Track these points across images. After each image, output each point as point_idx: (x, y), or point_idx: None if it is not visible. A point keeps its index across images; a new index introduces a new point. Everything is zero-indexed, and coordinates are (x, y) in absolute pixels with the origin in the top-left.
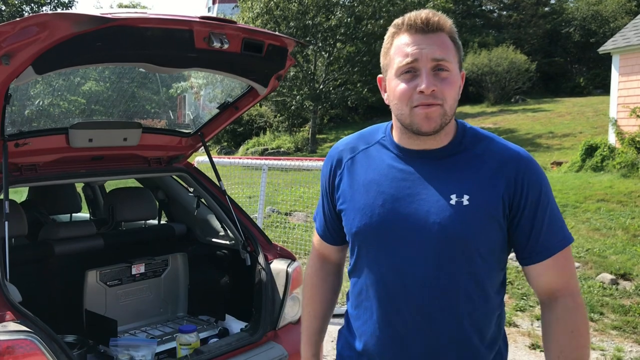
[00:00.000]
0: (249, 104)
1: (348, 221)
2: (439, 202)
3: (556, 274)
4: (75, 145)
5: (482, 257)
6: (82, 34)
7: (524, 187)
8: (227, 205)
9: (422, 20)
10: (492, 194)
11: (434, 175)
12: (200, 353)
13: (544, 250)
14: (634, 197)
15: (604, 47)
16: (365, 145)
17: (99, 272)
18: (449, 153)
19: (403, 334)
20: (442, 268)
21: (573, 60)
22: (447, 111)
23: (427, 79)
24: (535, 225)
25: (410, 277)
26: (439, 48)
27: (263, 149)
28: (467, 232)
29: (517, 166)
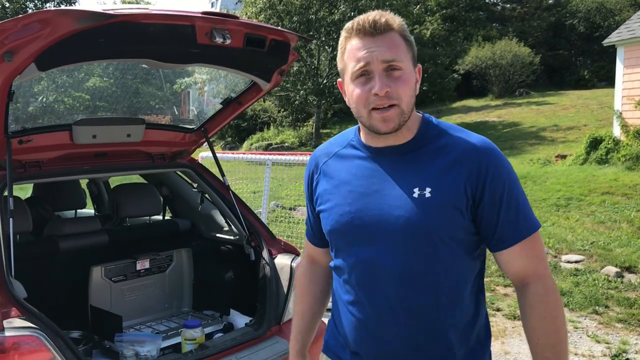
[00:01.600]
0: (252, 99)
1: (324, 221)
2: (403, 197)
3: (525, 260)
4: (79, 142)
5: (449, 247)
6: (84, 30)
7: (487, 176)
8: (231, 200)
9: (370, 23)
10: (454, 185)
11: (398, 170)
12: (205, 348)
13: (511, 237)
14: (639, 189)
15: (608, 39)
16: (337, 148)
17: (103, 268)
18: (412, 148)
19: (377, 325)
20: (411, 260)
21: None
22: (404, 110)
23: (380, 81)
24: (501, 213)
25: (381, 270)
26: (389, 49)
27: (267, 144)
28: (431, 224)
29: (478, 155)
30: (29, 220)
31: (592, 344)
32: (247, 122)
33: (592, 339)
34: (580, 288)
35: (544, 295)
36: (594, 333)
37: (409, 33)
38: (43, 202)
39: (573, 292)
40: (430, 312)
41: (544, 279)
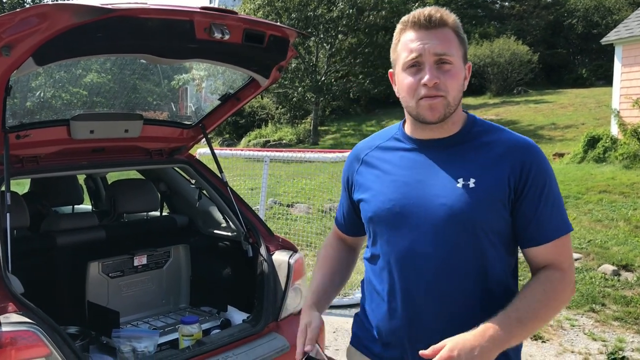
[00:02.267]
0: (251, 95)
1: (364, 209)
2: (446, 186)
3: (552, 258)
4: (77, 137)
5: (489, 239)
6: (82, 25)
7: (530, 172)
8: (229, 196)
9: (425, 17)
10: (498, 178)
11: (442, 162)
12: (202, 344)
13: (544, 234)
14: (636, 188)
15: (606, 38)
16: (380, 140)
17: (101, 264)
18: (457, 141)
19: (412, 315)
20: (451, 249)
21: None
22: (450, 102)
23: (430, 72)
24: (538, 209)
25: (421, 258)
26: (441, 43)
27: (265, 141)
28: (473, 213)
29: (523, 153)
30: (26, 216)
31: (589, 341)
32: (245, 119)
33: (588, 336)
34: (578, 286)
35: (560, 278)
36: (590, 331)
37: (463, 31)
38: (40, 197)
39: None
40: (465, 303)
41: (565, 270)
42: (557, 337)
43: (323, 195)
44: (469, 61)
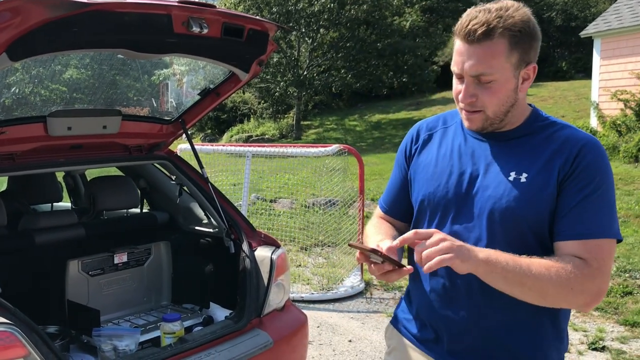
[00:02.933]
0: (231, 90)
1: (416, 189)
2: (498, 178)
3: (581, 255)
4: (54, 134)
5: (535, 235)
6: (57, 19)
7: (579, 165)
8: (210, 192)
9: (468, 31)
10: (549, 173)
11: (499, 155)
12: (184, 341)
13: (576, 230)
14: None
15: (585, 31)
16: (444, 125)
17: (80, 262)
18: (516, 135)
19: (451, 299)
20: (495, 240)
21: (555, 45)
22: (490, 116)
23: (466, 90)
24: (577, 204)
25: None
26: (480, 62)
27: (247, 136)
28: (520, 207)
29: (579, 146)
30: (4, 214)
31: (570, 332)
32: (227, 114)
33: (570, 327)
34: None
35: (576, 265)
36: (572, 321)
37: (527, 29)
38: (18, 195)
39: None
40: (501, 295)
41: (590, 265)
42: None
43: (306, 190)
44: (533, 62)
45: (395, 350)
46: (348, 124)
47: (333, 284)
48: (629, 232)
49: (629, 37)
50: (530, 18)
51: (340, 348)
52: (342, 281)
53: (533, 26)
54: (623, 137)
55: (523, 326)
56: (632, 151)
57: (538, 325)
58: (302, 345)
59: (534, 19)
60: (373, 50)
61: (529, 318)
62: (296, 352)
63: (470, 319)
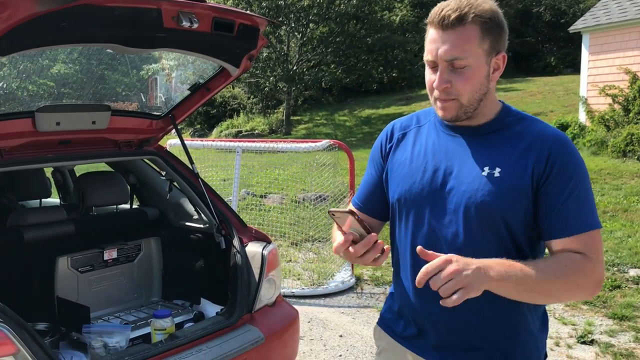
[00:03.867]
0: (221, 85)
1: (392, 188)
2: (472, 173)
3: (578, 249)
4: (42, 129)
5: (510, 229)
6: (45, 14)
7: (555, 164)
8: (200, 188)
9: (440, 17)
10: (523, 168)
11: (472, 150)
12: (175, 338)
13: (569, 228)
14: (604, 174)
15: (574, 26)
16: (417, 124)
17: (70, 259)
18: (488, 130)
19: (434, 297)
20: (472, 235)
21: (544, 40)
22: (464, 104)
23: (440, 77)
24: (562, 202)
25: (443, 242)
26: (454, 46)
27: (237, 131)
28: (495, 201)
29: (550, 144)
30: None
31: (560, 325)
32: (216, 109)
33: (559, 321)
34: None
35: (578, 261)
36: (560, 315)
37: (496, 18)
38: (6, 191)
39: None
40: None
41: (590, 259)
42: None
43: (296, 186)
44: (502, 52)
45: (384, 350)
46: (338, 119)
47: (324, 279)
48: (617, 226)
49: (617, 32)
50: (498, 9)
51: (331, 343)
52: (333, 276)
53: (501, 17)
54: (611, 131)
55: (505, 315)
56: (620, 146)
57: (519, 313)
58: (293, 340)
59: (500, 12)
60: (363, 45)
61: (510, 306)
62: (287, 347)
63: (454, 313)
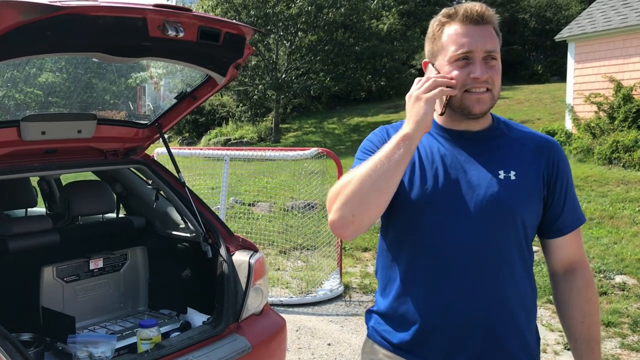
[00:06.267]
0: (208, 94)
1: (402, 191)
2: (487, 177)
3: (576, 247)
4: (28, 139)
5: (525, 231)
6: (30, 23)
7: (559, 168)
8: (187, 197)
9: (478, 13)
10: (535, 171)
11: (480, 154)
12: (161, 347)
13: (570, 224)
14: (590, 181)
15: (560, 35)
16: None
17: (55, 268)
18: (491, 136)
19: (452, 300)
20: (492, 238)
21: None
22: (495, 96)
23: (481, 67)
24: (566, 202)
25: (463, 246)
26: (490, 40)
27: (226, 139)
28: (516, 204)
29: (552, 150)
30: None
31: (546, 332)
32: (205, 117)
33: (546, 327)
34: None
35: (590, 280)
36: (547, 322)
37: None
38: None
39: None
40: (504, 291)
41: (588, 266)
42: None
43: (285, 194)
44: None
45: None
46: (327, 127)
47: (312, 287)
48: (603, 232)
49: (602, 41)
50: None
51: (320, 352)
52: (321, 284)
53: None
54: (597, 139)
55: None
56: (606, 153)
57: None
58: (280, 349)
59: None
60: (351, 54)
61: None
62: (275, 356)
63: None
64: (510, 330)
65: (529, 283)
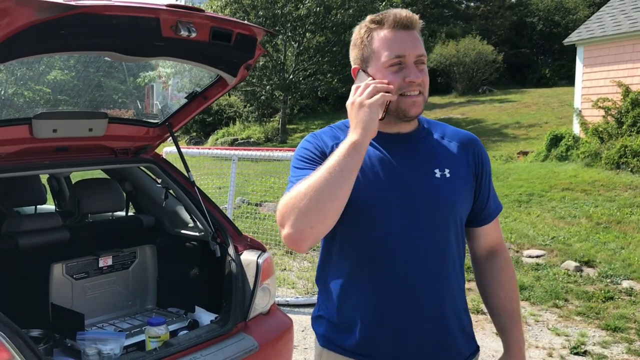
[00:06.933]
0: (218, 94)
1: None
2: (426, 176)
3: (497, 232)
4: (39, 136)
5: (461, 223)
6: (45, 22)
7: (482, 161)
8: (196, 196)
9: (406, 18)
10: (465, 167)
11: (414, 156)
12: (169, 345)
13: (493, 212)
14: (597, 185)
15: (568, 39)
16: (342, 134)
17: (65, 265)
18: (420, 136)
19: (411, 297)
20: (435, 233)
21: (539, 52)
22: (425, 98)
23: (415, 71)
24: (490, 191)
25: (409, 242)
26: (419, 44)
27: (233, 139)
28: (455, 199)
29: (474, 145)
30: None
31: (553, 336)
32: (212, 117)
33: (552, 331)
34: (541, 282)
35: (509, 260)
36: (554, 326)
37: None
38: (1, 197)
39: (534, 286)
40: (451, 284)
41: (506, 248)
42: None
43: None
44: None
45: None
46: None
47: None
48: (610, 237)
49: (611, 45)
50: None
51: None
52: None
53: None
54: (605, 144)
55: (460, 309)
56: (614, 158)
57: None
58: (287, 349)
59: None
60: None
61: (462, 295)
62: (281, 356)
63: (425, 315)
64: (454, 317)
65: (461, 270)
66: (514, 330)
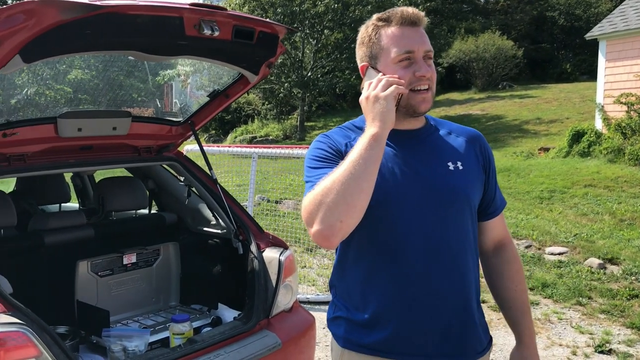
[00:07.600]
0: (240, 92)
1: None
2: (439, 170)
3: (504, 226)
4: (64, 135)
5: (475, 214)
6: (70, 22)
7: (489, 156)
8: (219, 193)
9: (413, 15)
10: (475, 161)
11: (426, 150)
12: (193, 342)
13: (500, 206)
14: (621, 182)
15: (590, 33)
16: (354, 134)
17: (90, 263)
18: (429, 132)
19: (433, 288)
20: (456, 224)
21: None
22: (434, 93)
23: (424, 66)
24: (496, 187)
25: (433, 236)
26: (426, 40)
27: (251, 137)
28: (469, 190)
29: (481, 140)
30: (14, 215)
31: (576, 334)
32: (231, 115)
33: (576, 330)
34: (564, 280)
35: (517, 253)
36: (577, 324)
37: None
38: (27, 196)
39: (557, 283)
40: (470, 274)
41: (512, 241)
42: (544, 330)
43: None
44: None
45: None
46: None
47: None
48: (635, 234)
49: (634, 39)
50: None
51: None
52: None
53: None
54: (628, 139)
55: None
56: (637, 153)
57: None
58: (310, 346)
59: None
60: None
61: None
62: (304, 353)
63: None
64: (476, 306)
65: (478, 261)
66: (525, 321)
